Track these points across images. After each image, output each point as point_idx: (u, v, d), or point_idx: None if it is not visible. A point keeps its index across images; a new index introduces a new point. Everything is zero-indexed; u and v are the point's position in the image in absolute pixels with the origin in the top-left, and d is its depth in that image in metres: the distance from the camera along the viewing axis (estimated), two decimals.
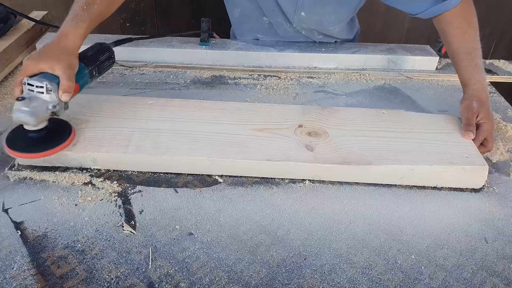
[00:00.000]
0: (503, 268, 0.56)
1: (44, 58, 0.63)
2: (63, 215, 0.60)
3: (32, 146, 0.64)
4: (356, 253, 0.57)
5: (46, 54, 0.64)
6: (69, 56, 0.65)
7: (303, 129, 0.73)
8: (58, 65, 0.63)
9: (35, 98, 0.62)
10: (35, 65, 0.62)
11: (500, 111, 0.89)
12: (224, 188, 0.66)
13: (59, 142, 0.65)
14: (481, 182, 0.68)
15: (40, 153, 0.64)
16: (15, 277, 0.52)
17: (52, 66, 0.62)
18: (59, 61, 0.63)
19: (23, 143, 0.64)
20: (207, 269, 0.54)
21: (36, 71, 0.63)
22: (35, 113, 0.61)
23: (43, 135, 0.64)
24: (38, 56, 0.64)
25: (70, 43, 0.66)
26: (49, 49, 0.65)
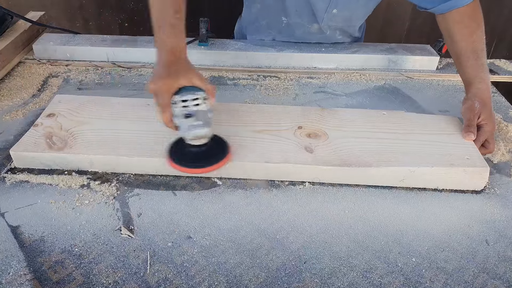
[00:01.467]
0: (505, 271, 0.56)
1: (179, 74, 0.62)
2: (60, 219, 0.59)
3: (199, 160, 0.63)
4: (357, 256, 0.56)
5: (177, 70, 0.63)
6: (192, 66, 0.66)
7: (303, 131, 0.73)
8: (194, 76, 0.63)
9: (197, 112, 0.62)
10: (176, 83, 0.62)
11: (501, 111, 0.89)
12: (223, 191, 0.65)
13: (223, 155, 0.64)
14: (482, 183, 0.68)
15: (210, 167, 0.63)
16: (11, 282, 0.51)
17: (189, 79, 0.62)
18: (192, 72, 0.63)
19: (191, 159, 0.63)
20: (206, 273, 0.53)
21: (177, 88, 0.62)
22: (207, 124, 0.61)
23: (208, 149, 0.64)
24: (171, 75, 0.62)
25: (185, 55, 0.66)
26: (175, 65, 0.64)
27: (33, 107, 0.83)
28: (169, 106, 0.62)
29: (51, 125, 0.71)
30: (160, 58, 0.65)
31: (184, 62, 0.65)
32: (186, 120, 0.61)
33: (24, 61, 0.98)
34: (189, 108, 0.61)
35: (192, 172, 0.65)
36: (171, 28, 0.66)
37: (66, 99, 0.79)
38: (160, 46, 0.66)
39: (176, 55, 0.65)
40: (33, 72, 0.95)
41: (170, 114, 0.62)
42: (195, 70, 0.65)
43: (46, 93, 0.87)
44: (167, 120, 0.62)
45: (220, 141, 0.67)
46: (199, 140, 0.62)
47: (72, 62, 0.98)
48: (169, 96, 0.62)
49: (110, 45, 0.99)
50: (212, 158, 0.63)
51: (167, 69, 0.63)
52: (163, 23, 0.66)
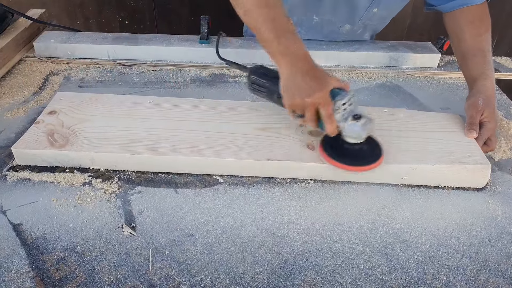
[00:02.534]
0: (507, 268, 0.56)
1: (327, 80, 0.62)
2: (62, 217, 0.59)
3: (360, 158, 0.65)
4: (359, 253, 0.56)
5: (322, 77, 0.63)
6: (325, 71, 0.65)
7: (305, 128, 0.73)
8: (332, 78, 0.63)
9: (355, 111, 0.63)
10: (327, 89, 0.62)
11: (503, 108, 0.89)
12: (225, 188, 0.65)
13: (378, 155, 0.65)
14: (483, 181, 0.68)
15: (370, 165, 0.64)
16: (14, 280, 0.51)
17: (332, 83, 0.63)
18: (328, 75, 0.64)
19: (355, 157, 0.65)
20: (208, 271, 0.53)
21: (329, 93, 0.62)
22: (370, 121, 0.63)
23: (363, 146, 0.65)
24: (320, 83, 0.62)
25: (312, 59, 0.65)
26: (315, 72, 0.63)
27: (34, 105, 0.83)
28: (333, 114, 0.62)
29: (53, 123, 0.71)
30: (295, 68, 0.62)
31: (318, 67, 0.64)
32: (358, 121, 0.62)
33: (25, 59, 0.98)
34: (347, 110, 0.63)
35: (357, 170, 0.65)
36: (293, 35, 0.64)
37: (67, 96, 0.79)
38: (287, 55, 0.63)
39: (310, 61, 0.63)
40: (34, 70, 0.95)
41: (334, 119, 0.62)
42: (326, 72, 0.64)
43: (47, 91, 0.87)
44: (335, 128, 0.62)
45: (370, 140, 0.67)
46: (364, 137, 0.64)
47: (73, 59, 0.98)
48: (331, 105, 0.61)
49: (111, 43, 0.99)
50: (370, 156, 0.65)
51: (313, 78, 0.62)
52: (282, 32, 0.63)
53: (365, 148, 0.65)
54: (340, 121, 0.63)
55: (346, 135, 0.64)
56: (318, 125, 0.65)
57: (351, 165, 0.64)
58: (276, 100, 0.69)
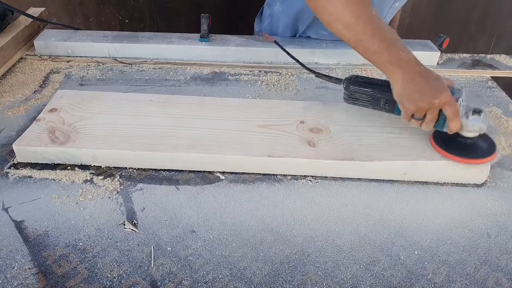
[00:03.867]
0: (506, 263, 0.56)
1: (442, 81, 0.65)
2: (64, 214, 0.60)
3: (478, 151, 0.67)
4: (359, 249, 0.57)
5: (437, 78, 0.65)
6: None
7: (305, 125, 0.73)
8: (442, 78, 0.66)
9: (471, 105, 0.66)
10: (448, 89, 0.64)
11: (501, 106, 0.89)
12: (226, 185, 0.66)
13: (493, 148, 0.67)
14: (483, 177, 0.68)
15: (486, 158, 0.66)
16: (16, 276, 0.51)
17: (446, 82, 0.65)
18: (439, 75, 0.66)
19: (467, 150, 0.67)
20: (210, 267, 0.54)
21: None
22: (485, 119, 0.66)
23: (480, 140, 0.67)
24: (441, 84, 0.64)
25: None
26: (431, 74, 0.65)
27: (35, 103, 0.83)
28: (459, 111, 0.63)
29: (54, 120, 0.71)
30: (412, 74, 0.64)
31: (429, 69, 0.66)
32: (480, 115, 0.64)
33: (25, 57, 0.98)
34: (463, 104, 0.65)
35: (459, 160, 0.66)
36: (401, 43, 0.66)
37: (68, 94, 0.79)
38: (400, 63, 0.64)
39: (422, 65, 0.65)
40: (35, 68, 0.95)
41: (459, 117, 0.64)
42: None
43: (48, 89, 0.87)
44: (459, 125, 0.64)
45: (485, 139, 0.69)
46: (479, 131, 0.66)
47: (74, 58, 0.98)
48: (455, 103, 0.63)
49: (111, 41, 0.99)
50: (487, 149, 0.67)
51: (432, 80, 0.64)
52: (390, 41, 0.65)
53: (480, 141, 0.67)
54: (462, 117, 0.65)
55: (467, 130, 0.65)
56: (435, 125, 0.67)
57: (475, 158, 0.66)
58: (381, 107, 0.72)
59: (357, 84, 0.73)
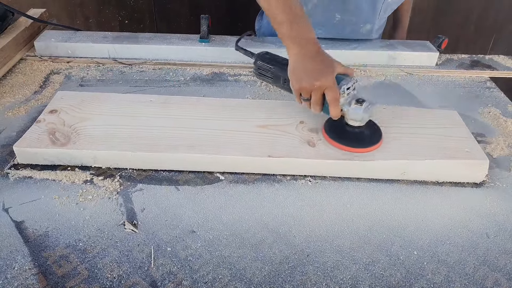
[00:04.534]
0: (505, 263, 0.56)
1: (333, 65, 0.65)
2: (64, 214, 0.60)
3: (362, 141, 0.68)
4: (359, 249, 0.57)
5: (329, 62, 0.66)
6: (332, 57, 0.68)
7: (305, 125, 0.73)
8: (338, 64, 0.66)
9: (359, 95, 0.67)
10: (333, 74, 0.65)
11: (500, 106, 0.89)
12: (226, 186, 0.66)
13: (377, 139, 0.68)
14: (481, 176, 0.68)
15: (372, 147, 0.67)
16: (17, 277, 0.51)
17: (337, 68, 0.66)
18: (335, 61, 0.67)
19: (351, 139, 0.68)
20: (210, 267, 0.54)
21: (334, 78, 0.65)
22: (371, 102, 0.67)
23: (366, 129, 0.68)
24: (328, 68, 0.65)
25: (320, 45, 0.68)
26: (322, 55, 0.66)
27: (35, 104, 0.83)
28: (339, 98, 0.64)
29: (54, 121, 0.72)
30: (304, 51, 0.65)
31: (324, 52, 0.67)
32: (362, 105, 0.65)
33: (25, 58, 0.98)
34: (352, 93, 0.65)
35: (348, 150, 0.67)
36: (305, 20, 0.67)
37: (68, 95, 0.79)
38: (299, 39, 0.65)
39: (318, 46, 0.66)
40: (35, 69, 0.95)
41: (339, 103, 0.64)
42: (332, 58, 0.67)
43: (48, 90, 0.88)
44: (339, 112, 0.65)
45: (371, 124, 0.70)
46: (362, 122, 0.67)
47: (74, 58, 0.99)
48: (337, 88, 0.64)
49: (111, 42, 0.99)
50: (371, 139, 0.68)
51: (320, 62, 0.65)
52: (295, 17, 0.66)
53: (366, 131, 0.68)
54: (344, 104, 0.65)
55: (349, 119, 0.66)
56: (322, 109, 0.67)
57: (353, 147, 0.67)
58: (281, 85, 0.72)
59: (263, 60, 0.74)
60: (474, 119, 0.84)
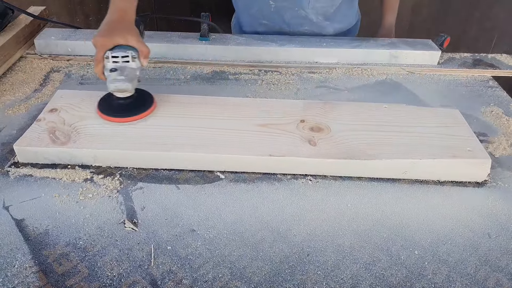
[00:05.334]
0: (507, 263, 0.56)
1: (117, 33, 0.68)
2: (64, 213, 0.60)
3: (124, 112, 0.71)
4: (359, 249, 0.57)
5: (116, 29, 0.69)
6: (134, 28, 0.71)
7: (305, 124, 0.73)
8: (130, 37, 0.69)
9: (124, 68, 0.68)
10: (111, 40, 0.68)
11: (502, 105, 0.89)
12: (226, 184, 0.66)
13: (146, 108, 0.72)
14: (483, 175, 0.68)
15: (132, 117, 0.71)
16: (17, 275, 0.51)
17: (126, 38, 0.69)
18: (129, 33, 0.69)
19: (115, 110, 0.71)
20: (210, 266, 0.54)
21: (112, 45, 0.68)
22: (130, 80, 0.68)
23: (132, 102, 0.72)
24: (110, 32, 0.68)
25: (129, 16, 0.72)
26: (116, 24, 0.70)
27: (36, 102, 0.83)
28: (101, 61, 0.68)
29: (54, 120, 0.71)
30: (107, 16, 0.70)
31: (126, 22, 0.70)
32: (111, 74, 0.67)
33: (25, 56, 0.98)
34: (118, 63, 0.68)
35: (116, 121, 0.71)
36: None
37: (67, 94, 0.79)
38: (110, 8, 0.71)
39: (120, 15, 0.70)
40: (35, 67, 0.95)
41: (102, 67, 0.69)
42: (134, 31, 0.70)
43: (48, 88, 0.87)
44: (99, 72, 0.69)
45: (145, 95, 0.75)
46: (122, 93, 0.70)
47: (74, 56, 0.98)
48: (103, 51, 0.68)
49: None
50: (135, 110, 0.71)
51: (108, 26, 0.69)
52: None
53: (133, 102, 0.72)
54: (106, 70, 0.68)
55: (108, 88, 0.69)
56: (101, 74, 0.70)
57: (120, 117, 0.70)
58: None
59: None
60: (476, 118, 0.84)
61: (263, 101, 0.81)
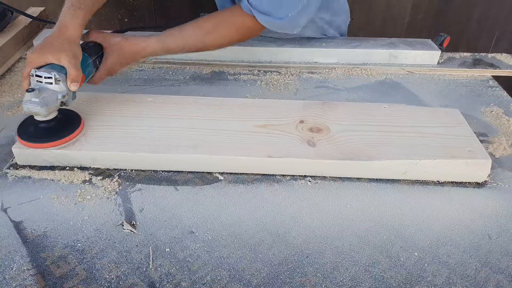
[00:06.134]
0: (507, 265, 0.56)
1: (49, 50, 0.64)
2: (63, 214, 0.59)
3: (42, 136, 0.65)
4: (359, 250, 0.56)
5: (50, 45, 0.65)
6: (72, 46, 0.66)
7: (305, 125, 0.73)
8: (64, 56, 0.64)
9: (45, 89, 0.63)
10: (41, 57, 0.63)
11: (503, 105, 0.88)
12: (225, 186, 0.65)
13: (69, 133, 0.66)
14: (483, 175, 0.68)
15: (50, 143, 0.65)
16: (15, 277, 0.51)
17: (58, 57, 0.63)
18: (64, 51, 0.64)
19: (34, 134, 0.65)
20: (208, 268, 0.53)
21: (43, 63, 0.63)
22: (45, 104, 0.63)
23: (53, 126, 0.66)
24: (42, 48, 0.64)
25: (71, 33, 0.67)
26: (52, 40, 0.65)
27: None
28: (27, 78, 0.64)
29: None
30: (52, 32, 0.67)
31: (63, 40, 0.66)
32: (26, 94, 0.62)
33: (25, 57, 0.98)
34: (41, 83, 0.63)
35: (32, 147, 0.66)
36: (70, 7, 0.69)
37: None
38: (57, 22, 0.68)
39: (61, 31, 0.67)
40: None
41: (27, 84, 0.63)
42: (72, 51, 0.65)
43: None
44: (23, 90, 0.64)
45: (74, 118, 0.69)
46: (36, 116, 0.64)
47: None
48: (29, 68, 0.63)
49: None
50: (58, 134, 0.66)
51: (45, 43, 0.65)
52: (66, 2, 0.70)
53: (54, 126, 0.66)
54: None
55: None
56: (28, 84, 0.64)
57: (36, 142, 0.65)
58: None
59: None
60: (476, 118, 0.84)
61: (262, 102, 0.81)
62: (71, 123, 0.68)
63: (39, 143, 0.65)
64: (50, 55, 0.63)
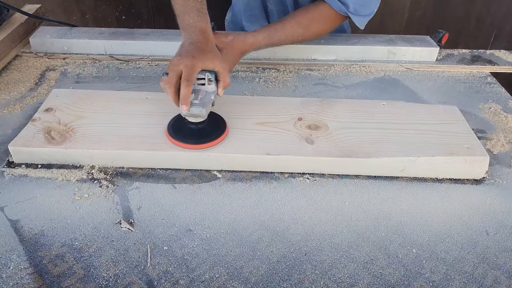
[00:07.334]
0: (505, 261, 0.56)
1: (208, 57, 0.64)
2: (60, 213, 0.59)
3: (197, 138, 0.66)
4: (357, 247, 0.56)
5: (206, 51, 0.65)
6: (218, 53, 0.68)
7: (303, 122, 0.72)
8: (218, 62, 0.65)
9: (199, 91, 0.65)
10: (202, 64, 0.63)
11: (501, 102, 0.88)
12: (223, 184, 0.65)
13: (218, 135, 0.67)
14: (482, 172, 0.68)
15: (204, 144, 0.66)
16: (12, 276, 0.51)
17: (214, 64, 0.65)
18: (217, 58, 0.66)
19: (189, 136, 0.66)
20: (207, 266, 0.53)
21: (201, 69, 0.64)
22: (204, 104, 0.64)
23: (205, 127, 0.67)
24: (200, 55, 0.64)
25: (212, 37, 0.69)
26: (204, 45, 0.66)
27: (31, 101, 0.82)
28: (192, 82, 0.62)
29: (49, 120, 0.71)
30: (188, 37, 0.67)
31: (212, 45, 0.68)
32: (194, 101, 0.63)
33: (21, 55, 0.97)
34: (194, 85, 0.63)
35: (186, 147, 0.66)
36: (198, 13, 0.69)
37: (63, 93, 0.78)
38: (187, 29, 0.68)
39: (205, 36, 0.67)
40: (30, 66, 0.94)
41: (190, 90, 0.62)
42: (221, 57, 0.67)
43: (44, 87, 0.87)
44: (186, 93, 0.62)
45: (218, 121, 0.70)
46: (194, 118, 0.65)
47: (70, 55, 0.98)
48: (194, 73, 0.63)
49: (107, 38, 0.98)
50: (208, 137, 0.67)
51: (196, 47, 0.65)
52: (189, 9, 0.69)
53: (208, 127, 0.68)
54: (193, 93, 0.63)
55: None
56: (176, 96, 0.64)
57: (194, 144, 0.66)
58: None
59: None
60: (475, 115, 0.84)
61: (261, 99, 0.81)
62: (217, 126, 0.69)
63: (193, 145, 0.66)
64: (208, 62, 0.64)
